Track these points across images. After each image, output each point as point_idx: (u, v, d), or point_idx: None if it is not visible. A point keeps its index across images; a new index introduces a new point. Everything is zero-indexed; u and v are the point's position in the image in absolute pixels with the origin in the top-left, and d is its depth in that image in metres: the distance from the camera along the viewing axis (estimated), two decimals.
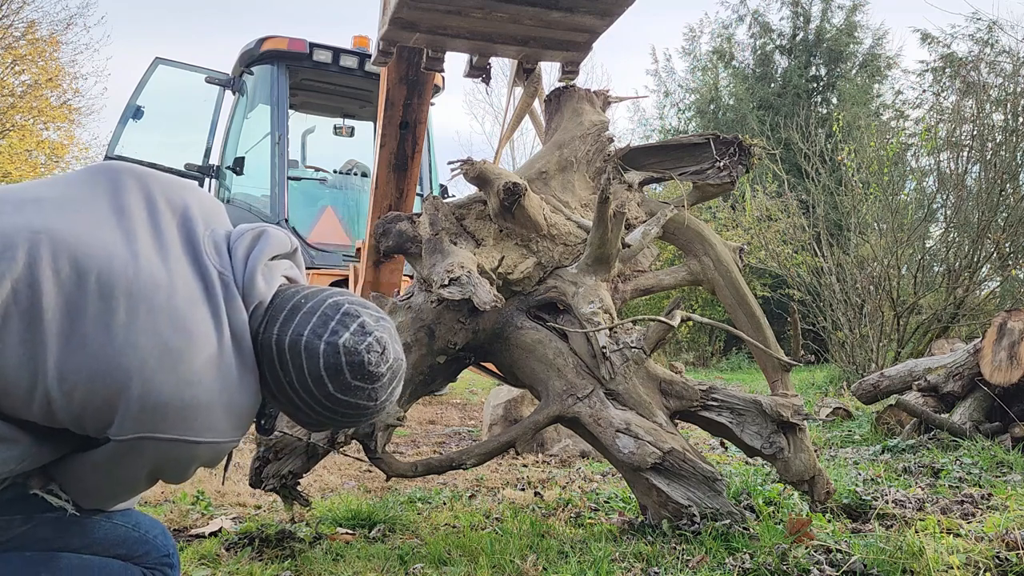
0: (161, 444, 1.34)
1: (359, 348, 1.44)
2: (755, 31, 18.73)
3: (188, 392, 1.33)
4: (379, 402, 1.51)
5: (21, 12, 17.08)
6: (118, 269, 1.33)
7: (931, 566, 2.04)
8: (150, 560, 1.58)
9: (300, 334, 1.43)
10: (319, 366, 1.43)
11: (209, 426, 1.36)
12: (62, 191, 1.42)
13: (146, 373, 1.30)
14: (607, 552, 2.32)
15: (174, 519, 2.91)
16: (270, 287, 1.49)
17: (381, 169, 4.53)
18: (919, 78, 16.23)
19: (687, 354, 14.36)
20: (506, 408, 4.84)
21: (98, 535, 1.51)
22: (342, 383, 1.44)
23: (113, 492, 1.51)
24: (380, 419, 2.59)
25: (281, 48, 7.79)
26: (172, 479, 1.48)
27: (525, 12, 3.26)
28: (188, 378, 1.33)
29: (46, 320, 1.27)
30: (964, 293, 8.02)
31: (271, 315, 1.47)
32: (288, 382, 1.45)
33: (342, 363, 1.43)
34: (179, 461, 1.40)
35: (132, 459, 1.38)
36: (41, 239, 1.30)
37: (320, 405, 1.47)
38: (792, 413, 2.63)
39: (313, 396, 1.46)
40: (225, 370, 1.38)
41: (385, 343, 1.49)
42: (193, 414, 1.34)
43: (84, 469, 1.45)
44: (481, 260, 2.73)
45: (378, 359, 1.47)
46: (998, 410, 4.33)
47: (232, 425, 1.42)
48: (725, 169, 3.25)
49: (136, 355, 1.30)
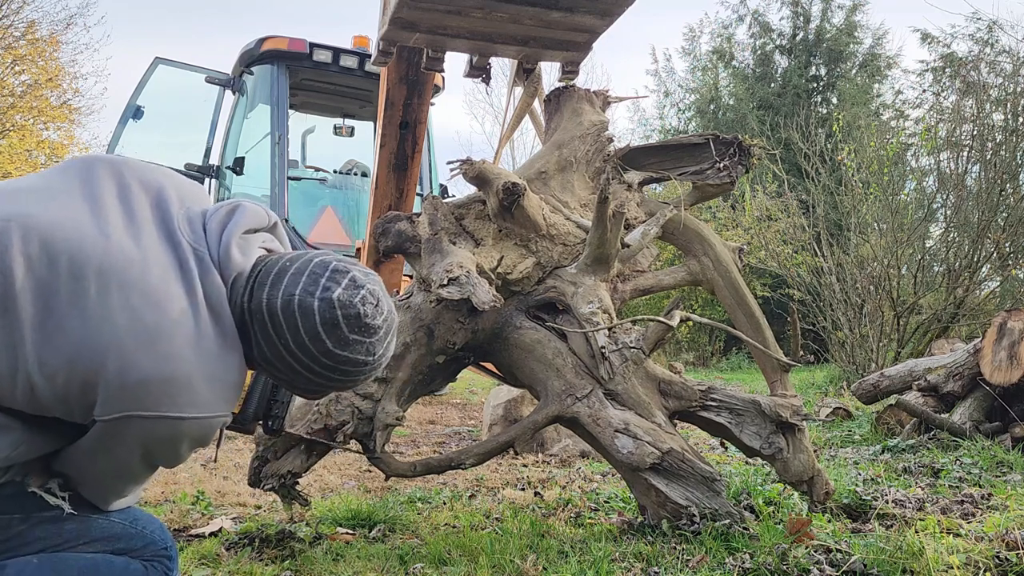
0: (146, 422, 1.33)
1: (353, 301, 1.43)
2: (755, 31, 18.73)
3: (167, 367, 1.32)
4: (376, 357, 1.49)
5: (21, 12, 17.10)
6: (88, 249, 1.32)
7: (931, 566, 2.04)
8: (148, 553, 1.58)
9: (292, 294, 1.42)
10: (315, 323, 1.41)
11: (192, 401, 1.35)
12: (35, 181, 1.43)
13: (122, 350, 1.30)
14: (607, 552, 2.32)
15: (174, 519, 2.91)
16: (247, 258, 1.48)
17: (381, 169, 4.53)
18: (919, 78, 16.24)
19: (687, 354, 14.36)
20: (506, 408, 4.84)
21: (95, 533, 1.51)
22: (340, 338, 1.43)
23: (112, 482, 1.49)
24: (379, 417, 2.59)
25: (281, 48, 7.78)
26: (166, 460, 1.46)
27: (525, 12, 3.26)
28: (166, 353, 1.32)
29: (20, 305, 1.27)
30: (964, 293, 8.02)
31: (257, 282, 1.45)
32: (284, 345, 1.43)
33: (338, 317, 1.42)
34: (168, 440, 1.38)
35: (120, 441, 1.37)
36: (11, 226, 1.30)
37: (319, 365, 1.45)
38: (791, 413, 2.63)
39: (312, 356, 1.43)
40: (205, 344, 1.37)
41: (378, 295, 1.48)
42: (174, 389, 1.33)
43: (80, 458, 1.44)
44: (480, 260, 2.73)
45: (373, 311, 1.45)
46: (998, 410, 4.33)
47: (217, 399, 1.40)
48: (725, 169, 3.26)
49: (111, 332, 1.30)
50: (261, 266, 1.48)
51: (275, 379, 1.55)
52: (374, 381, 2.60)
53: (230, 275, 1.45)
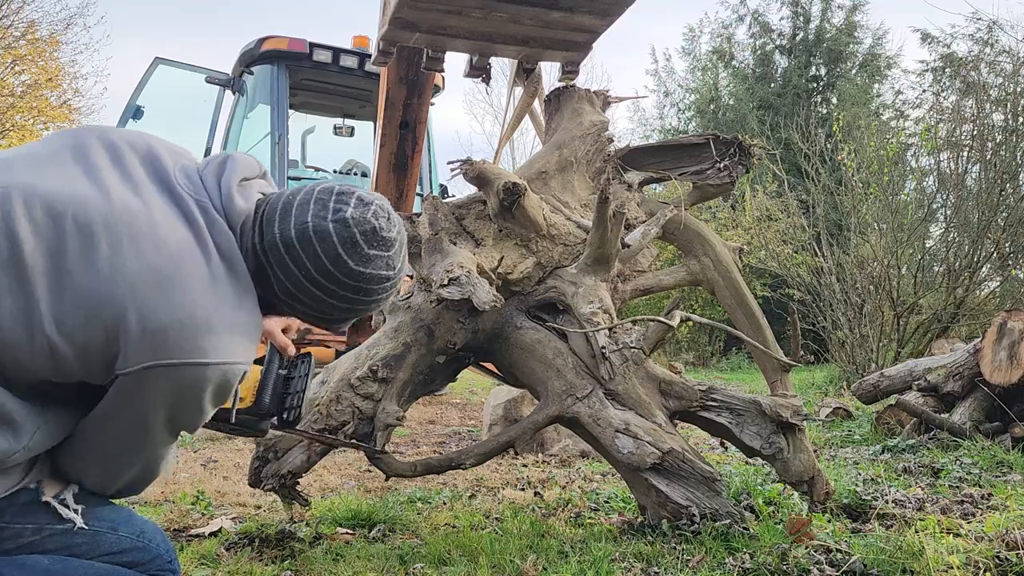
0: (170, 372, 1.33)
1: (367, 217, 1.47)
2: (755, 31, 18.74)
3: (185, 313, 1.32)
4: (396, 271, 1.53)
5: (21, 12, 17.08)
6: (92, 207, 1.34)
7: (931, 566, 2.04)
8: (154, 567, 1.58)
9: (305, 222, 1.44)
10: (334, 245, 1.44)
11: (214, 346, 1.35)
12: (24, 152, 1.44)
13: (139, 299, 1.30)
14: (607, 552, 2.32)
15: (174, 519, 2.91)
16: (249, 203, 1.50)
17: (381, 169, 4.54)
18: (919, 78, 16.25)
19: (687, 354, 14.35)
20: (506, 408, 4.84)
21: (104, 547, 1.50)
22: (360, 255, 1.46)
23: (124, 450, 1.46)
24: (380, 417, 2.59)
25: (281, 48, 7.78)
26: (189, 416, 1.44)
27: (525, 12, 3.26)
28: (182, 299, 1.33)
29: (30, 267, 1.28)
30: (964, 293, 8.02)
31: (265, 220, 1.47)
32: (305, 275, 1.45)
33: (355, 235, 1.45)
34: (191, 389, 1.37)
35: (144, 396, 1.36)
36: (11, 192, 1.32)
37: (344, 288, 1.47)
38: (791, 414, 2.63)
39: (335, 280, 1.46)
40: (220, 288, 1.38)
41: (387, 209, 1.52)
42: (194, 334, 1.33)
43: (93, 429, 1.43)
44: (480, 260, 2.73)
45: (387, 224, 1.50)
46: (998, 410, 4.33)
47: (236, 345, 1.40)
48: (725, 169, 3.26)
49: (125, 282, 1.30)
50: (264, 206, 1.50)
51: (299, 314, 1.56)
52: (374, 381, 2.61)
53: (236, 222, 1.47)
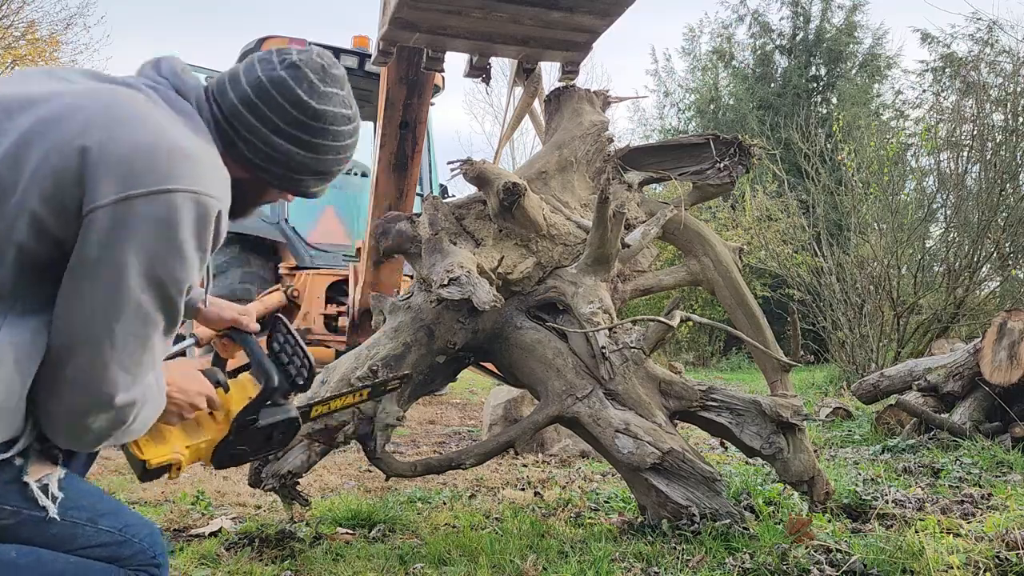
0: (140, 204, 1.29)
1: (311, 58, 1.56)
2: (755, 31, 18.73)
3: (148, 138, 1.34)
4: (354, 110, 1.62)
5: (21, 12, 17.08)
6: (34, 94, 1.38)
7: (931, 566, 2.04)
8: (135, 562, 1.54)
9: (258, 77, 1.52)
10: (292, 88, 1.52)
11: (181, 172, 1.33)
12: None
13: (100, 129, 1.32)
14: (607, 552, 2.32)
15: (174, 519, 2.91)
16: (198, 79, 1.56)
17: (381, 169, 4.53)
18: (919, 78, 16.25)
19: (687, 354, 14.35)
20: (506, 408, 4.84)
21: (81, 540, 1.46)
22: (318, 93, 1.54)
23: (109, 319, 1.31)
24: (380, 417, 2.59)
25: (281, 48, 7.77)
26: (170, 265, 1.33)
27: (525, 12, 3.26)
28: (144, 129, 1.35)
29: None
30: (964, 293, 8.02)
31: (218, 92, 1.53)
32: (273, 129, 1.51)
33: (308, 74, 1.53)
34: (167, 224, 1.31)
35: (116, 241, 1.28)
36: None
37: (311, 133, 1.54)
38: (791, 414, 2.63)
39: (301, 125, 1.52)
40: (181, 126, 1.43)
41: (324, 52, 1.60)
42: (160, 158, 1.33)
43: (69, 297, 1.32)
44: (481, 260, 2.73)
45: (331, 60, 1.59)
46: (998, 410, 4.32)
47: (204, 175, 1.38)
48: (725, 169, 3.26)
49: (85, 117, 1.33)
50: (212, 84, 1.57)
51: (275, 179, 1.58)
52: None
53: (191, 95, 1.52)
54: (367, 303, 4.34)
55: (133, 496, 3.29)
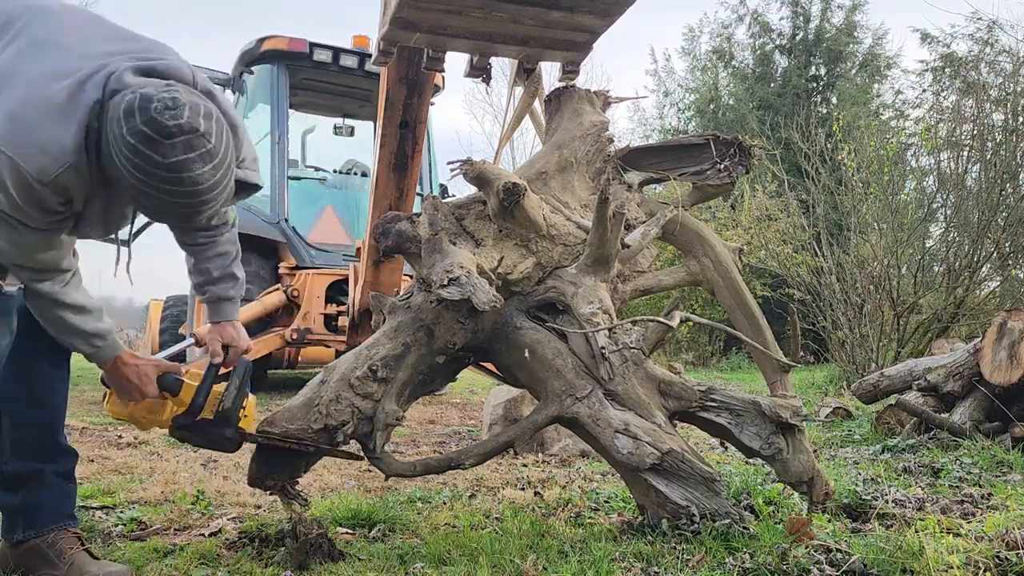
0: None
1: (160, 115, 1.65)
2: (755, 31, 18.76)
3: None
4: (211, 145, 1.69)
5: None
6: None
7: (931, 566, 2.04)
8: None
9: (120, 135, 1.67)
10: (144, 153, 1.65)
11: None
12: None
13: None
14: (607, 552, 2.32)
15: (174, 519, 2.91)
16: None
17: (381, 169, 4.53)
18: (919, 78, 16.26)
19: (687, 354, 14.36)
20: (506, 408, 4.84)
21: None
22: (162, 149, 1.64)
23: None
24: (379, 417, 2.59)
25: (281, 48, 7.79)
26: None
27: (525, 12, 3.26)
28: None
29: None
30: (964, 293, 8.02)
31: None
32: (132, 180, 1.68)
33: (152, 135, 1.64)
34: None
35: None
36: None
37: (165, 185, 1.68)
38: (791, 414, 2.63)
39: (155, 180, 1.66)
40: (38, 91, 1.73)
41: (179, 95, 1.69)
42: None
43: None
44: (480, 260, 2.73)
45: (178, 104, 1.67)
46: (998, 410, 4.33)
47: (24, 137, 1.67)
48: (725, 170, 3.26)
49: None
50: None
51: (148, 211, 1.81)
52: (374, 381, 2.60)
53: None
54: (367, 303, 4.34)
55: (133, 496, 3.29)
